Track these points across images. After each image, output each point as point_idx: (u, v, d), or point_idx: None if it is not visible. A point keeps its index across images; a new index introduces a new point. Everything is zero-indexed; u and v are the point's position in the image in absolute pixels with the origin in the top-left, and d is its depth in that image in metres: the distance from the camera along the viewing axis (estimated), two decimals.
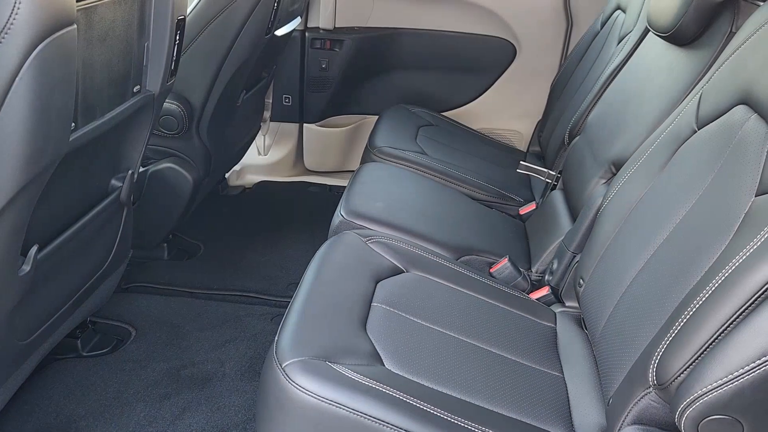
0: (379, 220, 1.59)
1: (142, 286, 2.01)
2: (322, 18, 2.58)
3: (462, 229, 1.70)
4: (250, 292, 2.01)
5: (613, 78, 1.79)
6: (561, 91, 2.28)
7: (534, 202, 1.98)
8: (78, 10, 1.00)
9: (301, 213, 2.58)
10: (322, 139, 2.78)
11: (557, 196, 1.80)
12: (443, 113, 2.68)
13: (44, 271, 1.23)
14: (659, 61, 1.53)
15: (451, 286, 1.42)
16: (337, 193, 2.76)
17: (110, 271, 1.59)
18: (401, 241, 1.49)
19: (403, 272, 1.41)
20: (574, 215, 1.64)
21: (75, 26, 0.96)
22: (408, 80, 2.70)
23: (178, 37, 1.36)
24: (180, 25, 1.35)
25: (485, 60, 2.63)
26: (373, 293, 1.31)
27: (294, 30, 2.44)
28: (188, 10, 1.79)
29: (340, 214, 1.61)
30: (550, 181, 1.88)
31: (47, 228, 1.22)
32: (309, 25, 2.60)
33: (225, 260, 2.20)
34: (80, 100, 1.11)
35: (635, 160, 1.36)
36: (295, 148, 2.84)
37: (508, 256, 1.60)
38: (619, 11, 2.04)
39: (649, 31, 1.70)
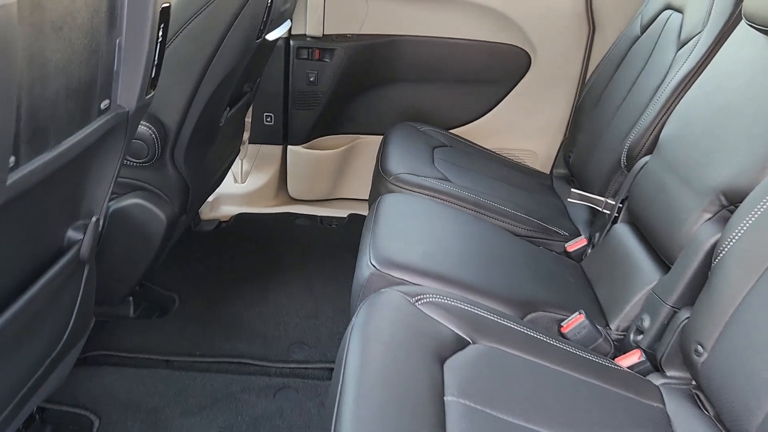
0: (422, 271, 1.24)
1: (104, 355, 1.60)
2: (309, 24, 2.22)
3: (519, 277, 1.37)
4: (244, 358, 1.62)
5: (686, 87, 1.49)
6: (593, 105, 1.98)
7: (583, 237, 1.66)
8: None
9: (291, 251, 2.20)
10: (310, 164, 2.42)
11: (624, 230, 1.48)
12: (451, 131, 2.36)
13: None
14: (764, 63, 1.24)
15: (532, 359, 1.08)
16: (329, 225, 2.39)
17: (67, 349, 1.19)
18: (457, 299, 1.14)
19: (470, 344, 1.07)
20: (658, 256, 1.32)
21: (14, 0, 0.59)
22: (409, 94, 2.37)
23: (161, 33, 0.99)
24: (164, 16, 0.98)
25: (496, 70, 2.32)
26: (443, 380, 0.96)
27: (280, 37, 2.08)
28: None
29: (370, 264, 1.25)
30: (608, 212, 1.56)
31: None
32: (294, 32, 2.25)
33: (206, 316, 1.80)
34: (25, 120, 0.73)
35: (765, 194, 1.05)
36: (277, 174, 2.46)
37: (582, 312, 1.27)
38: (669, 11, 1.75)
39: (731, 29, 1.42)
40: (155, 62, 1.00)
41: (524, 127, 2.39)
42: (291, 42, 2.24)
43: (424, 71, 2.32)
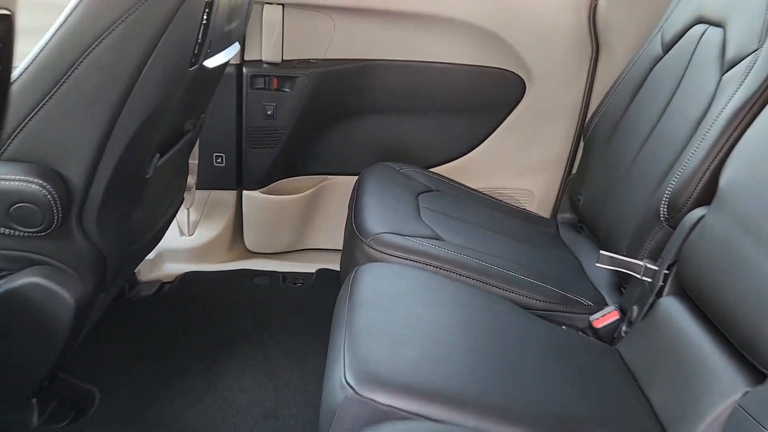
0: (419, 392, 0.87)
1: None
2: (265, 48, 1.87)
3: (548, 384, 1.01)
4: None
5: (745, 120, 1.16)
6: (606, 139, 1.65)
7: (613, 309, 1.32)
8: None
9: (247, 321, 1.81)
10: (270, 211, 2.04)
11: (675, 308, 1.14)
12: (433, 170, 2.01)
13: None
14: None
15: None
16: (293, 283, 2.02)
17: None
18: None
19: None
20: (736, 351, 0.98)
21: None
22: (384, 128, 2.02)
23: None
24: None
25: (485, 98, 1.99)
26: None
27: (227, 64, 1.73)
28: (54, 26, 1.05)
29: (344, 384, 0.87)
30: (649, 280, 1.22)
31: None
32: (248, 58, 1.89)
33: (135, 416, 1.41)
34: None
35: None
36: (231, 225, 2.08)
37: None
38: (702, 26, 1.44)
39: None
40: None
41: (519, 163, 2.06)
42: (244, 69, 1.88)
43: (402, 101, 1.98)
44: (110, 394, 1.48)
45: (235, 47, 1.53)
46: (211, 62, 1.34)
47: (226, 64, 1.52)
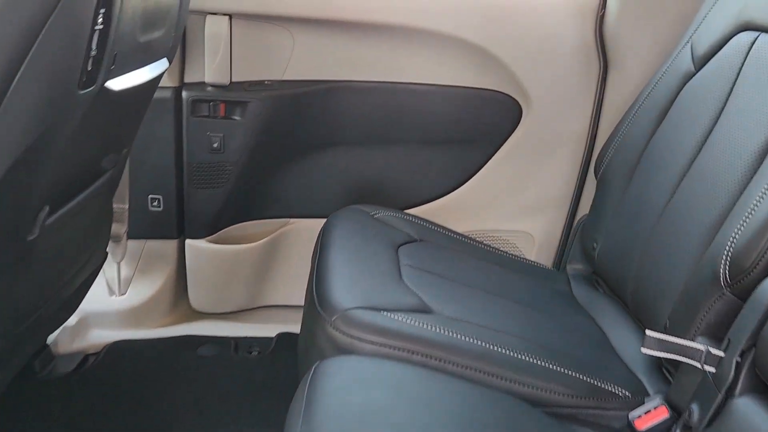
0: None
1: None
2: (209, 68, 1.54)
3: None
4: None
5: None
6: (625, 175, 1.35)
7: (661, 404, 1.00)
8: None
9: (188, 402, 1.46)
10: (219, 263, 1.70)
11: (756, 412, 0.82)
12: (412, 210, 1.70)
13: None
14: None
15: None
16: (248, 353, 1.66)
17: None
18: None
19: None
20: None
21: None
22: (354, 161, 1.69)
23: None
24: None
25: (476, 126, 1.68)
26: None
27: (152, 85, 1.40)
28: None
29: None
30: (713, 370, 0.90)
31: None
32: (188, 80, 1.56)
33: None
34: None
35: None
36: (173, 280, 1.73)
37: None
38: (752, 34, 1.15)
39: None
40: None
41: (515, 201, 1.74)
42: (183, 93, 1.55)
43: (377, 129, 1.66)
44: None
45: (161, 64, 1.20)
46: (119, 83, 1.00)
47: (150, 85, 1.18)
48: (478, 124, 1.67)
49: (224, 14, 1.51)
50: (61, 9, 0.78)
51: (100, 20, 0.86)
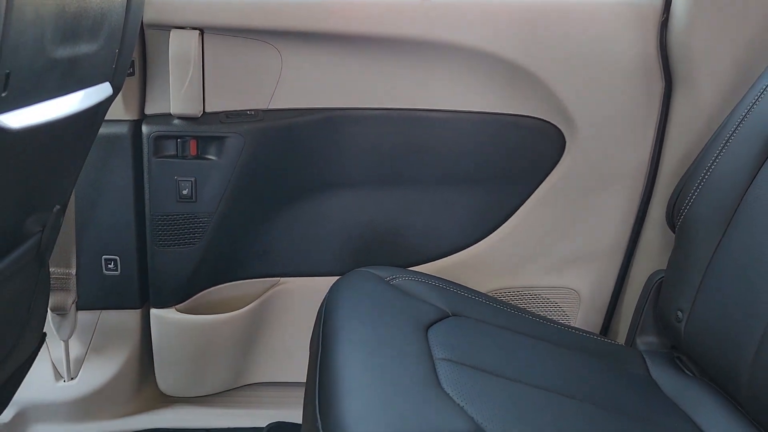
0: None
1: None
2: (175, 97, 1.21)
3: None
4: None
5: None
6: (722, 224, 1.03)
7: None
8: None
9: None
10: (191, 336, 1.36)
11: None
12: (433, 263, 1.37)
13: None
14: None
15: None
16: None
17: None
18: None
19: None
20: None
21: None
22: (360, 207, 1.37)
23: None
24: None
25: (510, 160, 1.36)
26: None
27: (112, 118, 1.07)
28: None
29: None
30: None
31: None
32: (150, 111, 1.24)
33: None
34: None
35: None
36: (136, 359, 1.39)
37: None
38: None
39: None
40: None
41: (557, 250, 1.42)
42: (143, 128, 1.23)
43: (385, 167, 1.34)
44: None
45: (101, 90, 0.88)
46: (19, 119, 0.67)
47: (87, 118, 0.86)
48: (512, 158, 1.35)
49: (193, 28, 1.19)
50: None
51: None
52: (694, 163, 1.15)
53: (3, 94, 0.62)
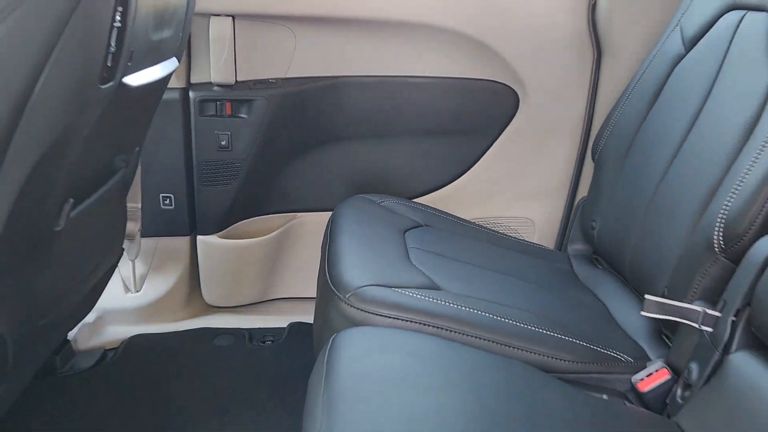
0: None
1: None
2: (214, 68, 1.59)
3: None
4: None
5: None
6: (621, 156, 1.40)
7: (663, 367, 1.04)
8: None
9: (207, 390, 1.50)
10: (230, 258, 1.75)
11: (753, 367, 0.87)
12: (418, 200, 1.75)
13: None
14: None
15: None
16: (262, 342, 1.71)
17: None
18: None
19: None
20: None
21: None
22: (359, 154, 1.74)
23: None
24: None
25: (474, 116, 1.73)
26: None
27: (162, 84, 1.45)
28: None
29: None
30: (710, 330, 0.95)
31: None
32: (195, 80, 1.62)
33: None
34: None
35: None
36: (186, 276, 1.78)
37: None
38: (739, 13, 1.20)
39: None
40: None
41: (516, 188, 1.79)
42: (190, 94, 1.60)
43: (379, 122, 1.71)
44: None
45: (171, 63, 1.25)
46: (136, 79, 1.05)
47: (161, 83, 1.24)
48: (476, 114, 1.72)
49: (227, 15, 1.56)
50: (82, 8, 0.83)
51: (118, 18, 0.91)
52: (609, 113, 1.51)
53: (129, 64, 0.99)
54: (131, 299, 1.73)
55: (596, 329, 1.14)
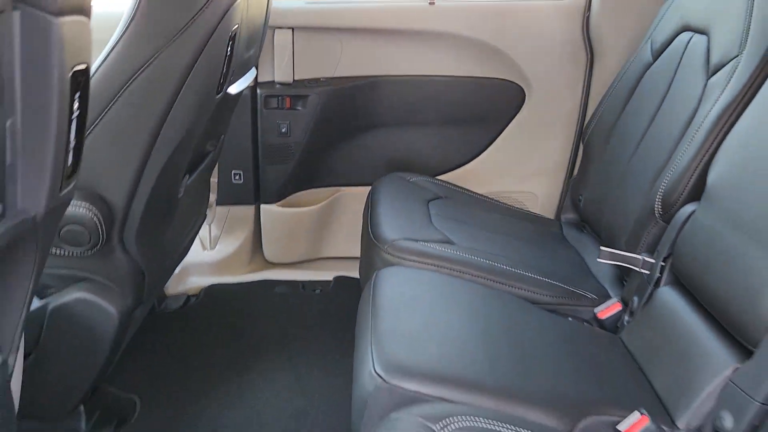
0: (440, 378, 0.98)
1: None
2: (277, 70, 1.98)
3: (559, 370, 1.11)
4: None
5: (730, 121, 1.26)
6: (603, 142, 1.75)
7: (616, 301, 1.42)
8: None
9: (271, 327, 1.92)
10: (287, 223, 2.15)
11: (673, 297, 1.23)
12: (440, 177, 2.12)
13: None
14: None
15: None
16: (313, 291, 2.12)
17: None
18: (489, 416, 0.88)
19: None
20: (728, 333, 1.08)
21: None
22: (392, 140, 2.12)
23: (78, 104, 0.72)
24: (79, 81, 0.71)
25: (487, 108, 2.09)
26: None
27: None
28: (97, 61, 1.16)
29: (374, 374, 0.98)
30: (648, 272, 1.32)
31: None
32: (261, 80, 2.00)
33: (174, 422, 1.51)
34: None
35: None
36: (251, 237, 2.19)
37: (645, 412, 1.01)
38: (688, 34, 1.54)
39: None
40: (73, 143, 0.74)
41: (521, 167, 2.16)
42: (258, 91, 1.99)
43: (408, 113, 2.09)
44: (148, 403, 1.58)
45: (252, 72, 1.65)
46: (234, 88, 1.45)
47: (246, 89, 1.63)
48: (489, 107, 2.08)
49: (288, 28, 1.94)
50: (210, 44, 1.22)
51: (229, 49, 1.30)
52: (597, 107, 1.86)
53: (230, 78, 1.38)
54: (207, 255, 2.14)
55: (571, 274, 1.51)
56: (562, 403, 1.00)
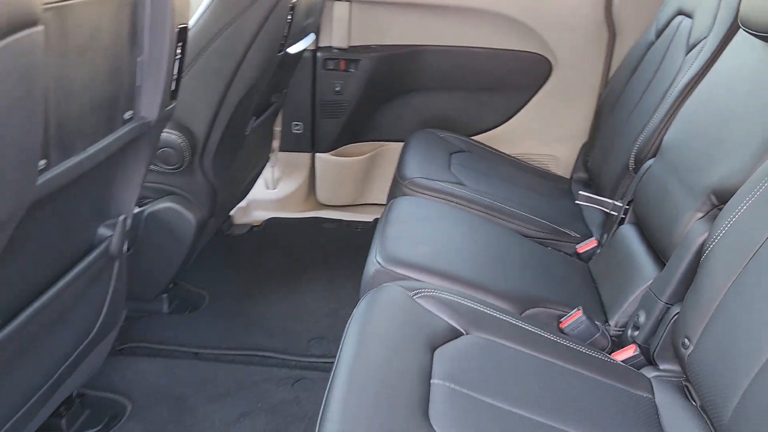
0: (424, 268, 1.32)
1: (139, 346, 1.72)
2: (335, 36, 2.33)
3: (522, 275, 1.43)
4: (266, 351, 1.72)
5: (690, 91, 1.52)
6: (610, 110, 2.02)
7: (594, 239, 1.71)
8: (46, 9, 0.74)
9: (317, 254, 2.30)
10: (337, 170, 2.52)
11: (629, 231, 1.52)
12: (472, 137, 2.43)
13: (11, 351, 0.95)
14: (760, 67, 1.27)
15: (524, 350, 1.14)
16: (355, 229, 2.49)
17: (99, 338, 1.31)
18: (455, 293, 1.21)
19: (463, 335, 1.14)
20: (657, 255, 1.36)
21: (41, 28, 0.70)
22: (432, 102, 2.44)
23: (179, 51, 1.09)
24: (182, 35, 1.08)
25: (517, 78, 2.38)
26: (431, 366, 1.04)
27: (304, 50, 2.19)
28: (191, 22, 1.54)
29: (376, 261, 1.33)
30: (616, 214, 1.60)
31: (13, 296, 0.94)
32: (321, 44, 2.36)
33: (233, 312, 1.91)
34: (53, 130, 0.84)
35: (749, 191, 1.09)
36: (306, 181, 2.57)
37: (581, 308, 1.32)
38: (681, 17, 1.79)
39: (733, 35, 1.45)
40: (175, 76, 1.11)
41: (546, 133, 2.44)
42: (318, 54, 2.34)
43: (446, 80, 2.40)
44: (215, 298, 1.99)
45: (311, 37, 2.00)
46: (293, 49, 1.81)
47: (304, 50, 1.99)
48: (518, 77, 2.37)
49: (346, 1, 2.28)
50: (274, 14, 1.58)
51: (289, 16, 1.66)
52: (611, 78, 2.12)
53: (291, 41, 1.74)
54: (270, 194, 2.54)
55: (563, 217, 1.80)
56: (516, 294, 1.32)
